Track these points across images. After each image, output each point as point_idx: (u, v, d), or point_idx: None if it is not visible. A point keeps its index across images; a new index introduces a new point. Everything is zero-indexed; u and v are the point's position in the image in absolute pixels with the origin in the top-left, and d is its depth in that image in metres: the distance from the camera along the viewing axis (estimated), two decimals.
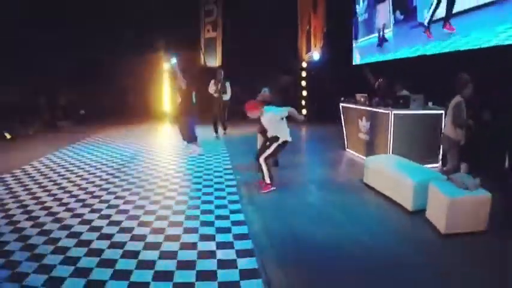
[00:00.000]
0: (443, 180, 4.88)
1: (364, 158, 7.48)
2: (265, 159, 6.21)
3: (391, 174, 5.61)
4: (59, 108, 15.96)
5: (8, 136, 11.40)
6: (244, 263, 3.64)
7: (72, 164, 7.90)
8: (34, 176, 6.87)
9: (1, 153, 9.14)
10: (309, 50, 15.48)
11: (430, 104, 7.49)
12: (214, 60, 17.80)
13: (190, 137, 9.17)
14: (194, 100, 9.26)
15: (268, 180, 6.19)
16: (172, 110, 10.86)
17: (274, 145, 6.22)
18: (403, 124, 7.20)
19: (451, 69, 5.79)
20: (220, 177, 6.94)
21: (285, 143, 6.28)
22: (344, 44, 12.74)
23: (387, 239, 4.27)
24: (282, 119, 6.26)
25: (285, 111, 6.16)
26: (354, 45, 12.36)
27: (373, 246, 4.06)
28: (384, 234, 4.41)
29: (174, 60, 16.68)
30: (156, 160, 8.34)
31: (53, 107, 15.46)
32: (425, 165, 6.29)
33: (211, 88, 11.71)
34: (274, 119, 6.23)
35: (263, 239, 4.21)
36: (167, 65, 17.76)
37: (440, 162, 7.13)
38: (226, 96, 11.76)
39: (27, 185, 6.30)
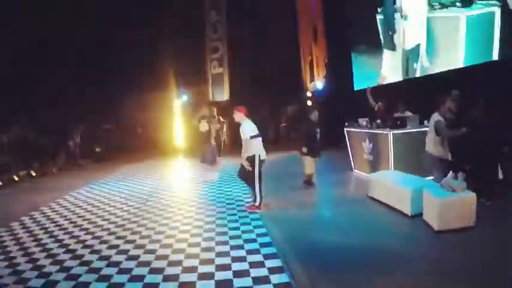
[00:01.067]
0: (435, 186, 5.72)
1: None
2: (259, 181, 6.82)
3: (391, 185, 6.49)
4: (77, 146, 16.98)
5: (34, 174, 12.41)
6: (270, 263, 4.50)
7: (97, 200, 8.44)
8: (62, 213, 7.43)
9: (29, 191, 10.01)
10: (312, 79, 16.56)
11: (426, 122, 8.38)
12: (222, 94, 18.92)
13: (211, 161, 10.57)
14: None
15: (256, 203, 6.86)
16: (195, 137, 11.77)
17: (257, 164, 6.78)
18: (402, 142, 8.15)
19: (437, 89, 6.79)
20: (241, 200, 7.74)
21: (262, 161, 6.87)
22: (345, 72, 13.75)
23: (389, 238, 5.13)
24: (252, 137, 6.78)
25: (246, 135, 6.74)
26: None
27: (377, 244, 4.91)
28: (386, 235, 5.29)
29: (185, 97, 17.94)
30: (178, 192, 9.10)
31: (74, 145, 16.41)
32: (424, 177, 7.13)
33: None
34: (245, 134, 6.77)
35: (284, 245, 5.06)
36: (178, 102, 18.98)
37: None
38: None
39: (58, 221, 6.77)
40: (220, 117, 13.03)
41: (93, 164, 15.39)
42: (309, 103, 16.14)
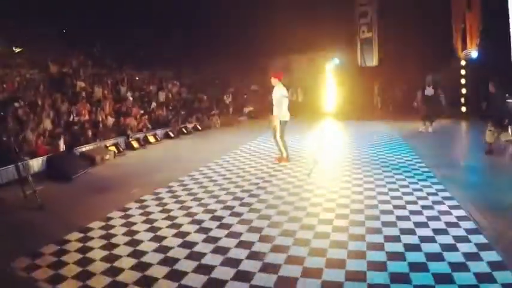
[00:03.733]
0: None
1: None
2: (280, 137, 8.63)
3: None
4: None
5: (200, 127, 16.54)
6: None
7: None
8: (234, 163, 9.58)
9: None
10: (464, 48, 17.71)
11: None
12: (371, 60, 20.89)
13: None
14: None
15: (284, 155, 8.72)
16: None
17: (278, 125, 8.52)
18: None
19: None
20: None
21: (283, 122, 8.60)
22: (502, 42, 14.39)
23: None
24: (284, 97, 8.55)
25: (285, 96, 8.57)
26: None
27: None
28: None
29: (336, 60, 20.19)
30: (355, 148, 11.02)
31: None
32: None
33: None
34: (276, 95, 8.58)
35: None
36: (329, 65, 21.40)
37: None
38: None
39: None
40: None
41: (249, 120, 19.16)
42: (463, 72, 17.42)
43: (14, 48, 19.28)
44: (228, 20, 22.54)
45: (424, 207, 5.61)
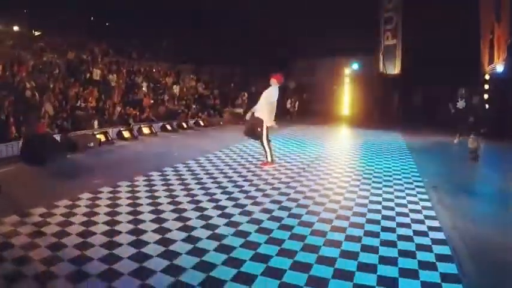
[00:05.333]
0: None
1: None
2: (267, 141, 8.33)
3: None
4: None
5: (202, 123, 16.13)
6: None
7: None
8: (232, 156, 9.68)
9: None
10: (491, 61, 16.84)
11: None
12: (393, 67, 20.19)
13: None
14: None
15: (269, 159, 8.39)
16: None
17: (264, 128, 8.25)
18: None
19: None
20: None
21: (268, 127, 8.26)
22: None
23: None
24: (271, 103, 8.23)
25: (268, 98, 8.21)
26: None
27: None
28: None
29: (355, 65, 19.69)
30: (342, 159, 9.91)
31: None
32: None
33: None
34: (267, 98, 8.26)
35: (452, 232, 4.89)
36: (349, 70, 20.86)
37: None
38: None
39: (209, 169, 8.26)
40: None
41: None
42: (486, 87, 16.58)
43: (33, 32, 19.41)
44: (253, 21, 22.34)
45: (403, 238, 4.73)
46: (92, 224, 4.95)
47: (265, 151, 8.56)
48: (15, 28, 18.79)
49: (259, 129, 8.37)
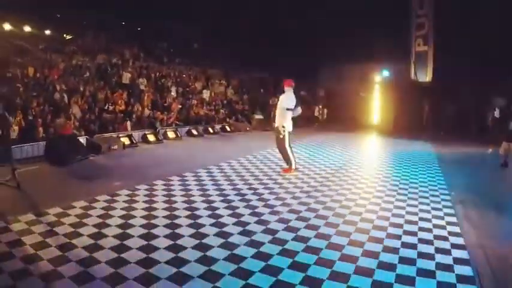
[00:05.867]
0: None
1: None
2: (289, 147, 8.24)
3: None
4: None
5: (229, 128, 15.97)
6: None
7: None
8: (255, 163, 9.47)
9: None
10: None
11: None
12: (424, 75, 19.63)
13: None
14: None
15: (293, 166, 8.27)
16: None
17: (286, 134, 8.16)
18: None
19: None
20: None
21: (288, 133, 8.20)
22: None
23: None
24: (287, 110, 8.12)
25: (290, 105, 8.10)
26: None
27: None
28: None
29: (386, 73, 19.26)
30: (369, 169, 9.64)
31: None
32: None
33: None
34: (281, 104, 8.23)
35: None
36: (378, 77, 20.44)
37: None
38: None
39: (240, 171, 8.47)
40: None
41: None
42: None
43: (65, 35, 19.87)
44: (285, 27, 22.34)
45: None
46: (104, 226, 4.92)
47: (287, 158, 8.42)
48: (47, 32, 19.18)
49: (280, 136, 8.27)
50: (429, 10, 19.43)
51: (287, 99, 8.29)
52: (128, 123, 13.63)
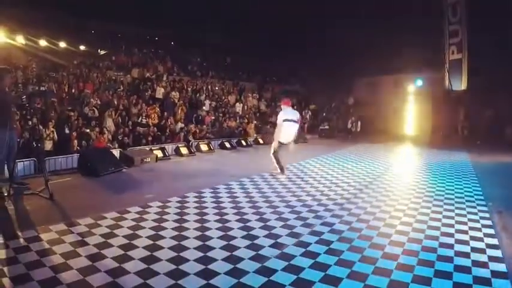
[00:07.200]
0: None
1: None
2: (273, 153, 9.13)
3: None
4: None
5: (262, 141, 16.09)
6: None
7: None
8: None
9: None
10: None
11: None
12: (459, 83, 19.05)
13: None
14: None
15: (277, 170, 9.05)
16: None
17: (276, 145, 9.06)
18: None
19: None
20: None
21: (280, 143, 9.08)
22: None
23: None
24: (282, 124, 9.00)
25: (279, 120, 9.15)
26: None
27: None
28: None
29: (419, 82, 18.82)
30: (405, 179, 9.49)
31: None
32: None
33: None
34: (278, 121, 9.18)
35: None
36: (412, 87, 19.99)
37: None
38: None
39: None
40: None
41: (318, 139, 18.64)
42: None
43: (99, 51, 20.35)
44: (319, 39, 22.26)
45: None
46: (135, 237, 4.86)
47: (274, 162, 9.30)
48: (82, 47, 19.70)
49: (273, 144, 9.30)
50: (462, 16, 18.91)
51: (281, 115, 9.30)
52: (182, 134, 14.10)
